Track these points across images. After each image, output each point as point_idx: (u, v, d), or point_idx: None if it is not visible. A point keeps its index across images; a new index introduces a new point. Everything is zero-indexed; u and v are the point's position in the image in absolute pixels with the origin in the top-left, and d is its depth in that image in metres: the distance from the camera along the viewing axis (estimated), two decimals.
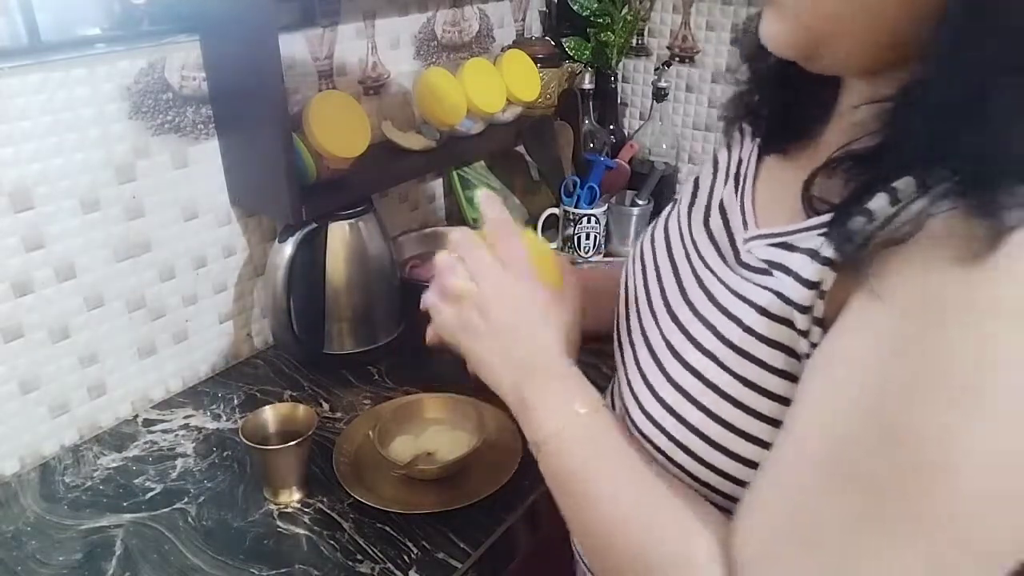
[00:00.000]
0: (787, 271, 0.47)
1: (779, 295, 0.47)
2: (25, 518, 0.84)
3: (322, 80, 1.15)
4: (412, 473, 0.86)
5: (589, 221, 1.38)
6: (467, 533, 0.81)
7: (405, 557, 0.78)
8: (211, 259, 1.07)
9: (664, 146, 1.51)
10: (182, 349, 1.07)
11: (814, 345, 0.45)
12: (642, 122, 1.57)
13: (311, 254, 1.04)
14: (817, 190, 0.48)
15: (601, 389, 0.61)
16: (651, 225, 0.70)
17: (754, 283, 0.51)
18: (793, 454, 0.44)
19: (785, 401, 0.47)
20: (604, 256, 1.41)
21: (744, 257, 0.54)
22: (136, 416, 1.02)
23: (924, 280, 0.38)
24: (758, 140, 0.61)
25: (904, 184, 0.41)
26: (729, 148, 0.66)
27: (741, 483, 0.50)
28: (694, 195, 0.66)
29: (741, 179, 0.61)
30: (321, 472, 0.90)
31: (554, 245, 1.43)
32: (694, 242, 0.61)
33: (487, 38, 1.43)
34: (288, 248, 0.99)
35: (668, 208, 0.70)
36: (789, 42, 0.48)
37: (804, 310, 0.45)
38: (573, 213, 1.38)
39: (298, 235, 1.00)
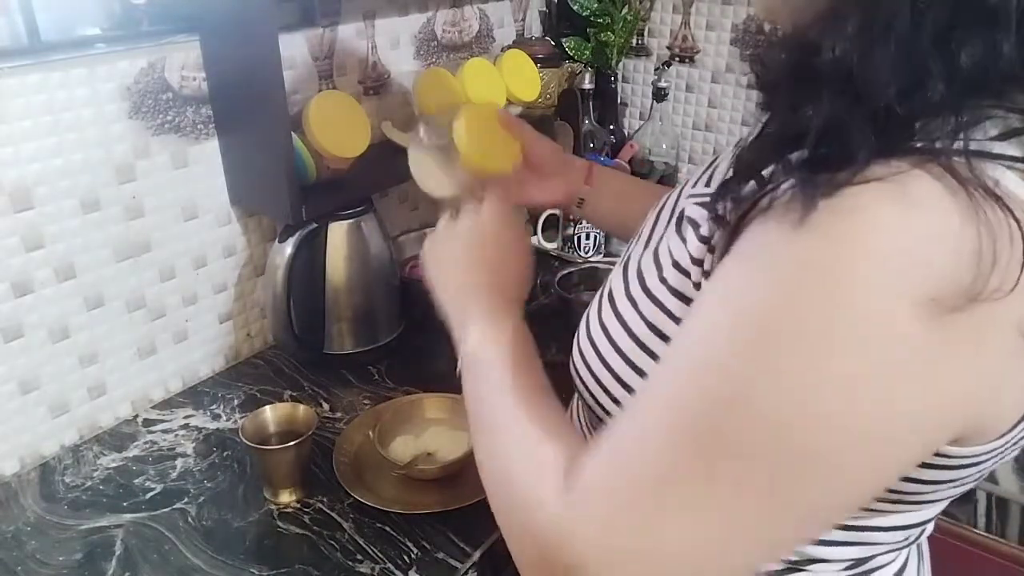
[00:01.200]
0: (695, 225, 0.50)
1: (686, 247, 0.51)
2: (25, 518, 0.84)
3: (322, 80, 1.15)
4: (412, 473, 0.86)
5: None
6: (467, 533, 0.81)
7: (405, 557, 0.78)
8: (211, 259, 1.07)
9: (664, 146, 1.51)
10: (182, 349, 1.07)
11: None
12: (642, 122, 1.57)
13: (311, 254, 1.04)
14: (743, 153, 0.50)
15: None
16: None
17: (675, 235, 0.54)
18: (646, 394, 0.47)
19: None
20: (604, 256, 1.41)
21: (680, 214, 0.56)
22: (136, 416, 1.02)
23: (758, 240, 0.42)
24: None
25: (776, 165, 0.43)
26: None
27: None
28: (706, 168, 0.67)
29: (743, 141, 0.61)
30: (321, 472, 0.90)
31: (554, 245, 1.44)
32: (675, 207, 0.62)
33: (487, 38, 1.43)
34: (288, 248, 0.99)
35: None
36: (761, 7, 0.52)
37: (698, 263, 0.49)
38: None
39: (298, 235, 1.00)
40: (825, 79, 0.40)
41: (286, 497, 0.86)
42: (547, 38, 1.50)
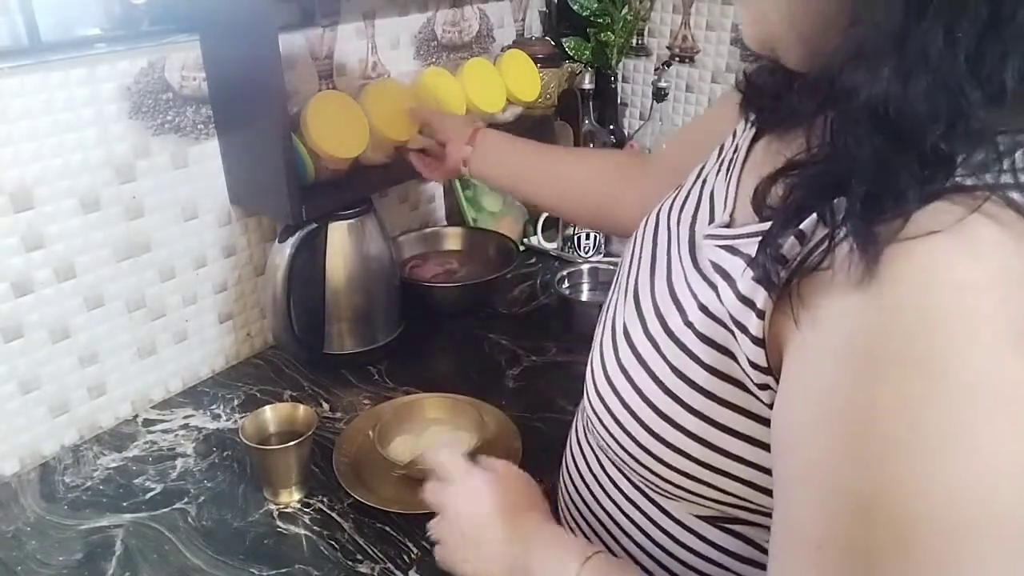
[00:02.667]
0: (727, 277, 0.48)
1: (718, 296, 0.48)
2: (25, 518, 0.84)
3: (322, 80, 1.15)
4: (412, 473, 0.86)
5: None
6: None
7: (405, 557, 0.78)
8: (211, 259, 1.07)
9: (664, 146, 1.51)
10: (182, 349, 1.07)
11: (750, 363, 0.45)
12: (642, 122, 1.57)
13: (311, 254, 1.04)
14: (770, 193, 0.47)
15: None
16: (653, 209, 0.71)
17: (703, 278, 0.52)
18: (785, 540, 0.43)
19: (711, 396, 0.48)
20: (604, 256, 1.41)
21: (698, 253, 0.54)
22: (136, 416, 1.02)
23: (835, 324, 0.38)
24: (752, 119, 0.59)
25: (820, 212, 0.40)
26: (734, 134, 0.65)
27: (672, 468, 0.51)
28: (693, 181, 0.66)
29: (730, 165, 0.59)
30: (321, 472, 0.90)
31: (554, 245, 1.44)
32: (677, 228, 0.61)
33: (487, 38, 1.43)
34: (288, 248, 0.99)
35: (671, 193, 0.70)
36: (754, 40, 0.49)
37: (739, 325, 0.45)
38: None
39: (298, 235, 0.99)
40: (865, 121, 0.38)
41: (286, 497, 0.86)
42: (547, 38, 1.50)
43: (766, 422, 0.46)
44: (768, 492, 0.48)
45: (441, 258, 1.35)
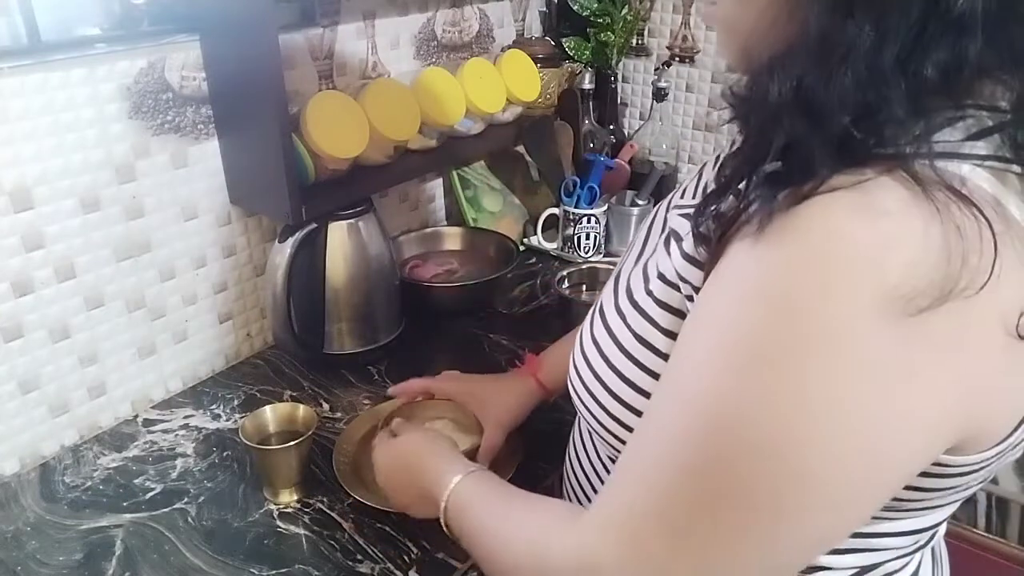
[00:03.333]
0: (678, 238, 0.51)
1: (671, 261, 0.51)
2: (25, 518, 0.84)
3: (322, 80, 1.15)
4: None
5: (589, 221, 1.38)
6: None
7: (405, 557, 0.78)
8: (211, 259, 1.07)
9: (664, 146, 1.51)
10: (182, 349, 1.07)
11: None
12: (642, 122, 1.57)
13: (311, 254, 1.04)
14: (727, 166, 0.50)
15: None
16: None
17: (662, 248, 0.54)
18: (647, 429, 0.47)
19: (667, 358, 0.50)
20: (604, 256, 1.41)
21: (666, 228, 0.57)
22: (136, 416, 1.02)
23: (730, 263, 0.42)
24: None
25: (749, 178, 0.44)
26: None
27: None
28: (693, 177, 0.67)
29: (722, 157, 0.62)
30: (321, 472, 0.90)
31: (554, 245, 1.44)
32: (665, 215, 0.63)
33: (487, 38, 1.43)
34: (288, 248, 0.99)
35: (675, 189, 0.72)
36: (730, 59, 0.51)
37: (684, 280, 0.49)
38: (573, 213, 1.38)
39: (298, 235, 1.00)
40: (783, 108, 0.41)
41: (286, 497, 0.86)
42: (547, 38, 1.50)
43: None
44: None
45: (441, 258, 1.35)
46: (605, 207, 1.39)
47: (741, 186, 0.45)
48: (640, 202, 1.41)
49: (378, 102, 1.07)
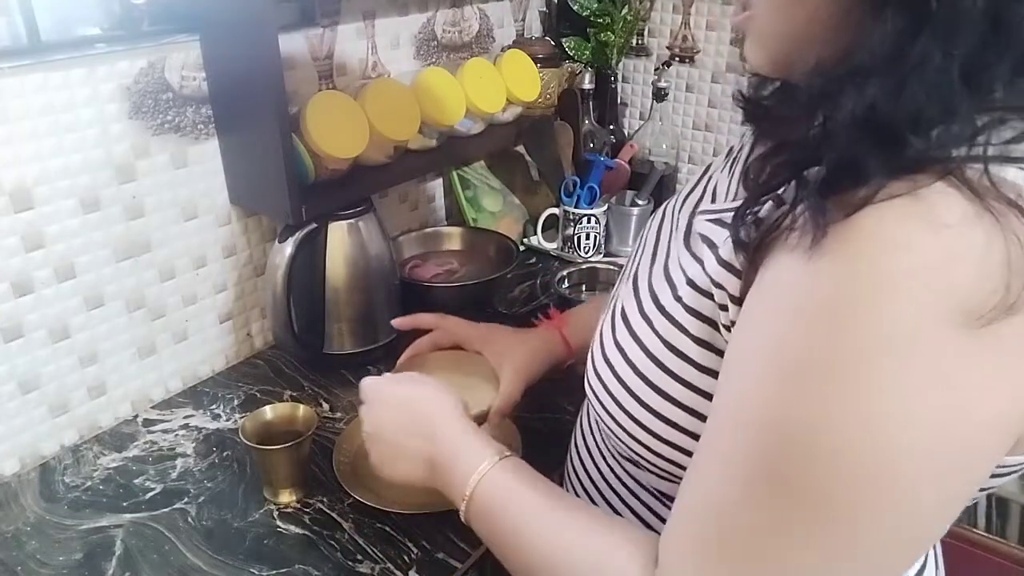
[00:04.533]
0: (711, 245, 0.50)
1: (703, 268, 0.50)
2: (25, 518, 0.84)
3: (322, 80, 1.15)
4: None
5: (589, 221, 1.38)
6: (467, 533, 0.80)
7: (405, 557, 0.78)
8: (211, 259, 1.07)
9: (664, 146, 1.51)
10: (182, 349, 1.07)
11: (733, 323, 0.47)
12: (642, 122, 1.57)
13: (311, 254, 1.04)
14: (759, 172, 0.49)
15: None
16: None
17: (691, 254, 0.53)
18: (709, 461, 0.46)
19: (701, 368, 0.50)
20: (604, 256, 1.41)
21: (691, 233, 0.56)
22: (136, 416, 1.02)
23: (781, 277, 0.41)
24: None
25: (792, 185, 0.43)
26: (742, 136, 0.67)
27: (670, 445, 0.52)
28: (699, 178, 0.67)
29: (733, 163, 0.61)
30: (321, 472, 0.90)
31: (554, 245, 1.44)
32: (678, 217, 0.63)
33: (487, 38, 1.43)
34: (288, 248, 0.99)
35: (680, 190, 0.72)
36: (765, 66, 0.50)
37: (719, 286, 0.47)
38: (573, 213, 1.38)
39: (298, 235, 1.00)
40: (853, 125, 0.39)
41: (286, 497, 0.86)
42: (547, 38, 1.50)
43: None
44: None
45: (441, 258, 1.35)
46: (605, 207, 1.40)
47: (780, 191, 0.44)
48: (640, 202, 1.41)
49: (378, 102, 1.07)
